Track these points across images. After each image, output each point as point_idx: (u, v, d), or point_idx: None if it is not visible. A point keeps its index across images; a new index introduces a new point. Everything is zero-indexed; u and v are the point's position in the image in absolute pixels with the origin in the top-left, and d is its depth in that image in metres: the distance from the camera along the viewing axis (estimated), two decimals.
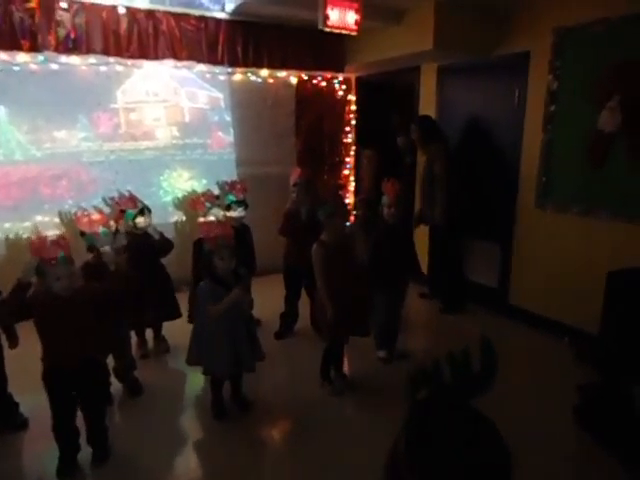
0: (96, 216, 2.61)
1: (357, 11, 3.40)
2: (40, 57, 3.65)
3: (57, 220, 4.03)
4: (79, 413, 2.28)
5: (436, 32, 3.63)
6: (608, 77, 3.21)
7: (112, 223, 2.74)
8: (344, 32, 3.50)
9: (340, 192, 5.33)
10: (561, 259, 3.66)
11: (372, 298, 3.27)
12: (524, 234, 3.92)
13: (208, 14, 4.05)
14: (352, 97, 5.44)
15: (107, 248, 2.57)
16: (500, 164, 3.99)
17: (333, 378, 3.01)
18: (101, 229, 2.55)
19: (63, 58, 3.73)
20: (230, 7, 3.99)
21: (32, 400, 2.70)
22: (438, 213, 3.97)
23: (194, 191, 4.17)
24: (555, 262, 3.70)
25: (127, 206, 3.10)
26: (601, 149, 3.30)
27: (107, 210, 3.16)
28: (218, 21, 4.09)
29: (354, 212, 4.61)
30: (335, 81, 5.24)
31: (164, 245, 3.30)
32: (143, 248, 3.11)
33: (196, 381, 3.04)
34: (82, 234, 2.62)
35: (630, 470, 2.21)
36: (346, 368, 3.10)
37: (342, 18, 3.38)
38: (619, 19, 3.11)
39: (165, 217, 4.39)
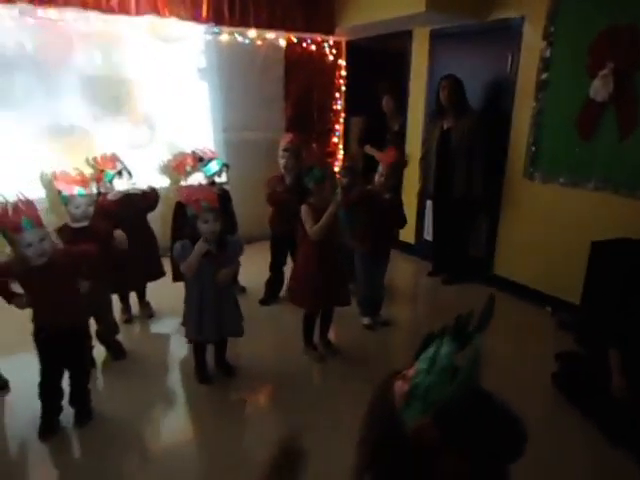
0: (75, 177, 2.55)
1: None
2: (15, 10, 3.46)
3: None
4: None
5: None
6: (601, 44, 3.14)
7: (93, 184, 2.68)
8: None
9: (328, 159, 5.25)
10: (546, 229, 3.67)
11: (354, 265, 3.28)
12: (511, 204, 3.92)
13: None
14: (342, 62, 5.30)
15: (76, 210, 2.55)
16: (490, 132, 3.94)
17: (317, 344, 3.03)
18: (77, 189, 2.49)
19: (39, 11, 3.54)
20: None
21: (11, 362, 2.69)
22: (475, 185, 3.82)
23: (179, 153, 4.07)
24: (540, 232, 3.72)
25: (106, 167, 3.02)
26: (591, 119, 3.26)
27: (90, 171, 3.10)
28: None
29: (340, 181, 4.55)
30: (325, 45, 5.09)
31: (148, 196, 3.23)
32: (126, 210, 3.04)
33: (180, 346, 3.03)
34: (59, 194, 2.56)
35: (603, 430, 2.27)
36: (331, 334, 3.12)
37: None
38: None
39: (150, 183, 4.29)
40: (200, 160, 3.41)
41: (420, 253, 4.78)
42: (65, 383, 2.29)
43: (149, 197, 3.25)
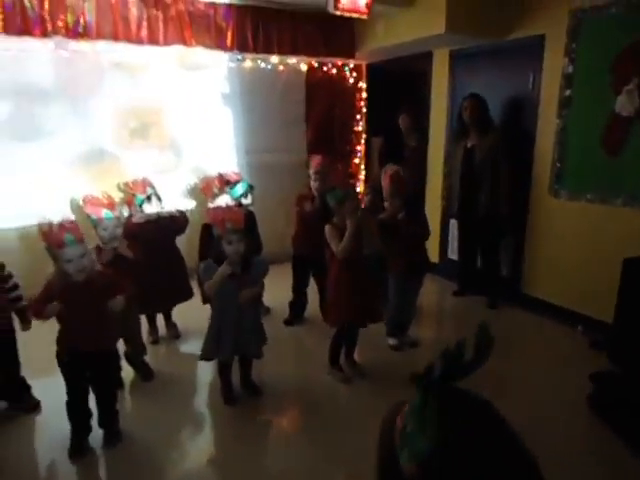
0: (102, 200, 2.63)
1: None
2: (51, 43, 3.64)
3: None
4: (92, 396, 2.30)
5: (448, 15, 3.56)
6: (626, 59, 3.12)
7: (124, 207, 2.77)
8: (355, 16, 3.45)
9: (350, 179, 5.29)
10: (575, 247, 3.60)
11: (386, 284, 3.26)
12: (537, 221, 3.86)
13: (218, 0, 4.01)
14: (363, 84, 5.38)
15: (103, 232, 2.61)
16: (513, 150, 3.91)
17: (343, 365, 3.00)
18: (104, 213, 2.56)
19: (73, 44, 3.71)
20: None
21: (44, 383, 2.74)
22: (501, 204, 3.77)
23: (207, 176, 4.16)
24: (569, 250, 3.64)
25: (137, 191, 3.10)
26: (618, 134, 3.22)
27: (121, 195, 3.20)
28: (228, 6, 4.05)
29: (364, 199, 4.57)
30: (346, 68, 5.19)
31: (177, 219, 3.30)
32: (154, 233, 3.11)
33: (207, 367, 3.04)
34: (89, 218, 2.65)
35: None
36: (356, 355, 3.09)
37: (353, 1, 3.33)
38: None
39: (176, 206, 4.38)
40: (227, 183, 3.47)
41: (444, 272, 4.72)
42: (93, 404, 2.32)
43: (178, 221, 3.31)
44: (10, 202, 3.79)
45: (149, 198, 3.14)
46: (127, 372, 2.91)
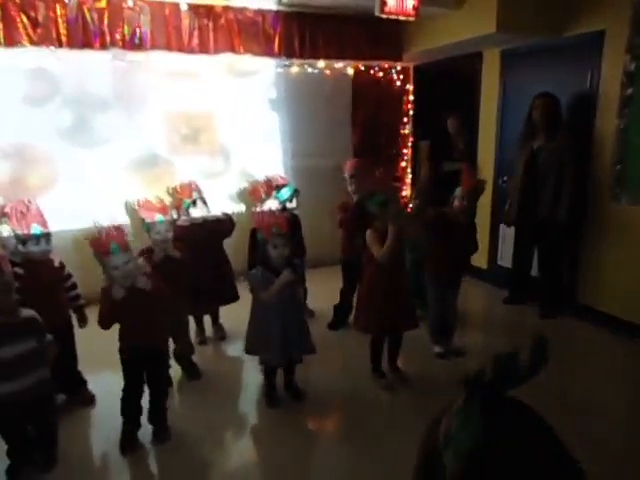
0: (156, 204, 2.73)
1: None
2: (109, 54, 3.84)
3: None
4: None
5: (499, 14, 3.45)
6: None
7: (173, 211, 2.86)
8: (402, 18, 3.42)
9: (394, 183, 5.23)
10: (637, 254, 3.38)
11: (422, 291, 3.20)
12: (595, 227, 3.66)
13: (265, 7, 4.08)
14: (410, 87, 5.31)
15: (156, 236, 2.72)
16: (580, 154, 3.68)
17: (386, 371, 2.96)
18: (157, 217, 2.66)
19: (129, 55, 3.89)
20: None
21: (100, 378, 2.88)
22: (564, 209, 3.56)
23: (255, 180, 4.25)
24: (630, 258, 3.43)
25: (184, 196, 3.21)
26: None
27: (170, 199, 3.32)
28: (275, 13, 4.12)
29: (410, 203, 4.52)
30: (392, 71, 5.13)
31: (223, 223, 3.38)
32: (200, 236, 3.20)
33: (252, 369, 3.09)
34: (143, 222, 2.76)
35: None
36: (400, 362, 3.04)
37: (400, 3, 3.30)
38: None
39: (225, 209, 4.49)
40: (276, 187, 3.53)
41: (493, 280, 4.57)
42: (144, 401, 2.41)
43: (224, 224, 3.39)
44: (70, 205, 4.01)
45: (194, 202, 3.24)
46: (175, 371, 3.00)
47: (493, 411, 0.65)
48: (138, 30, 3.69)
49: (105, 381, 2.83)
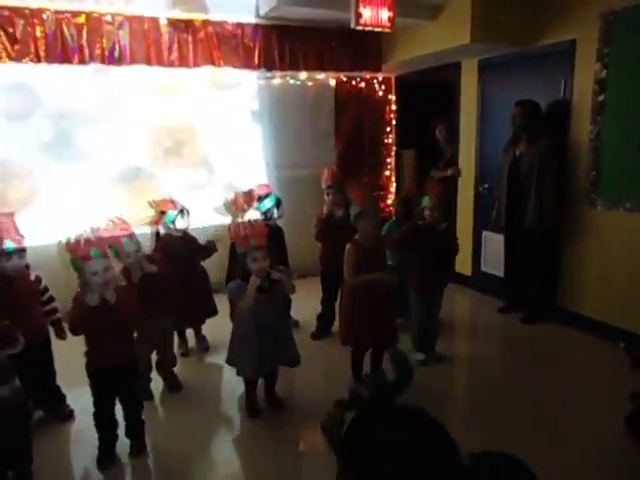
0: (116, 228, 2.66)
1: (390, 8, 3.37)
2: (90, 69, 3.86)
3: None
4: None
5: (473, 25, 3.53)
6: None
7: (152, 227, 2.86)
8: (378, 30, 3.48)
9: (372, 192, 5.27)
10: (613, 258, 3.43)
11: (405, 300, 3.22)
12: (572, 232, 3.71)
13: (245, 20, 4.13)
14: (392, 97, 5.38)
15: (127, 259, 2.66)
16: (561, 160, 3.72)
17: None
18: (123, 240, 2.61)
19: (111, 69, 3.91)
20: (264, 10, 4.01)
21: (78, 393, 2.84)
22: (546, 216, 3.61)
23: (237, 192, 4.27)
24: (607, 262, 3.48)
25: (167, 207, 3.21)
26: None
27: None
28: (255, 26, 4.17)
29: (394, 212, 4.55)
30: (374, 81, 5.20)
31: (207, 248, 3.39)
32: (181, 249, 3.21)
33: (234, 379, 3.07)
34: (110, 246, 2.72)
35: None
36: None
37: (375, 15, 3.36)
38: None
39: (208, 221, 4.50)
40: (258, 198, 3.55)
41: (477, 286, 4.61)
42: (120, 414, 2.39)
43: (207, 251, 3.41)
44: (51, 220, 4.00)
45: (182, 212, 3.24)
46: (156, 383, 2.98)
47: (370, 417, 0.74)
48: (117, 45, 3.71)
49: (84, 396, 2.77)
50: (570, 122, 3.63)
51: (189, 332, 3.58)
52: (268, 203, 3.65)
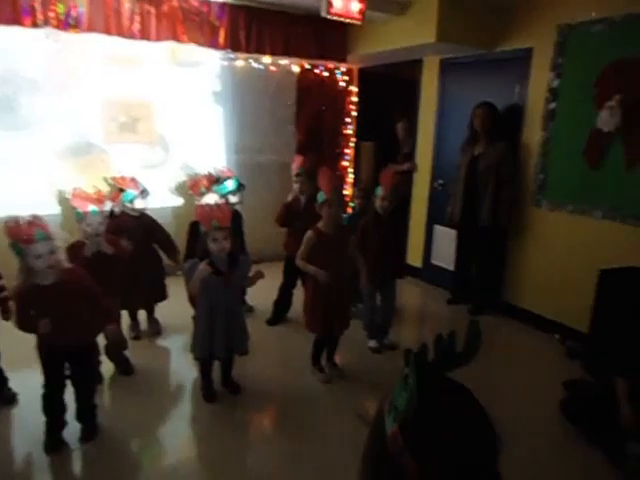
0: (91, 195, 2.61)
1: (361, 0, 3.39)
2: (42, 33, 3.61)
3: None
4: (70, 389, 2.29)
5: (439, 25, 3.62)
6: (608, 76, 3.21)
7: (108, 202, 2.75)
8: (348, 21, 3.49)
9: (341, 184, 5.33)
10: (555, 257, 3.68)
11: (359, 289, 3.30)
12: (519, 231, 3.93)
13: None
14: (354, 88, 5.42)
15: (87, 228, 2.59)
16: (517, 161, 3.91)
17: (324, 366, 3.03)
18: (90, 207, 2.54)
19: (64, 35, 3.68)
20: None
21: (23, 376, 2.72)
22: (501, 215, 3.78)
23: (195, 174, 4.16)
24: (549, 260, 3.73)
25: (128, 186, 3.10)
26: (599, 148, 3.31)
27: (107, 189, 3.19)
28: (221, 5, 4.06)
29: (352, 203, 4.62)
30: (337, 71, 5.22)
31: (169, 244, 3.37)
32: (136, 230, 3.11)
33: (188, 363, 3.04)
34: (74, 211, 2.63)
35: (612, 460, 2.25)
36: (338, 357, 3.12)
37: (346, 6, 3.37)
38: (620, 18, 3.12)
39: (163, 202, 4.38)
40: (217, 181, 3.49)
41: (427, 277, 4.79)
42: (71, 398, 2.31)
43: (173, 247, 3.38)
44: None
45: (143, 192, 3.14)
46: (107, 366, 2.90)
47: (432, 385, 0.74)
48: (74, 10, 3.49)
49: (29, 379, 2.67)
50: (523, 126, 3.82)
51: (141, 315, 3.48)
52: (230, 185, 3.60)
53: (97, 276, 2.29)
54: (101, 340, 2.83)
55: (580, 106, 3.39)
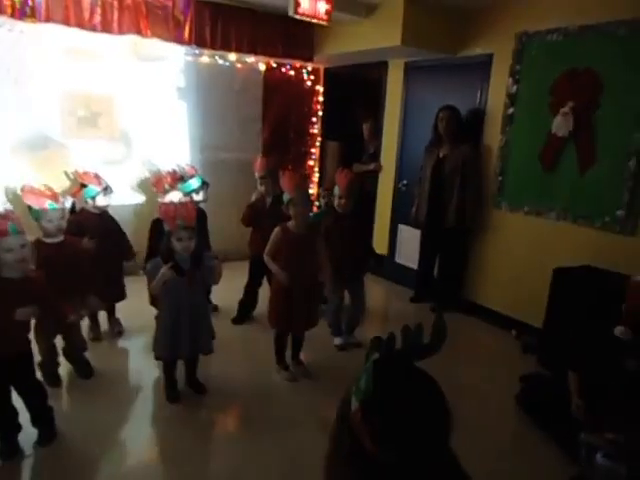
0: (44, 191, 2.52)
1: (328, 1, 3.41)
2: None
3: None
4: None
5: (404, 29, 3.69)
6: (563, 84, 3.37)
7: (68, 198, 2.67)
8: (315, 21, 3.51)
9: (305, 182, 5.34)
10: (512, 256, 3.82)
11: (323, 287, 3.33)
12: (479, 230, 4.06)
13: None
14: (320, 88, 5.45)
15: (49, 224, 2.51)
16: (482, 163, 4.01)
17: (289, 364, 3.04)
18: (48, 204, 2.46)
19: (20, 24, 3.54)
20: None
21: None
22: (467, 216, 3.88)
23: (158, 170, 4.08)
24: (506, 259, 3.87)
25: (91, 182, 3.01)
26: (553, 152, 3.46)
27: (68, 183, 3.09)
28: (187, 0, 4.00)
29: (317, 202, 4.64)
30: (304, 71, 5.23)
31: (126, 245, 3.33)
32: (97, 228, 3.02)
33: (150, 364, 2.99)
34: (30, 209, 2.53)
35: (563, 447, 2.37)
36: (303, 355, 3.14)
37: (313, 7, 3.39)
38: (575, 28, 3.27)
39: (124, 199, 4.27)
40: (181, 179, 3.43)
41: (391, 276, 4.87)
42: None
43: (129, 249, 3.36)
44: None
45: (106, 189, 3.06)
46: (66, 369, 2.81)
47: (396, 370, 0.80)
48: None
49: None
50: (484, 130, 3.95)
51: (102, 315, 3.39)
52: (194, 183, 3.55)
53: (60, 275, 2.22)
54: (59, 343, 2.78)
55: (537, 111, 3.54)
